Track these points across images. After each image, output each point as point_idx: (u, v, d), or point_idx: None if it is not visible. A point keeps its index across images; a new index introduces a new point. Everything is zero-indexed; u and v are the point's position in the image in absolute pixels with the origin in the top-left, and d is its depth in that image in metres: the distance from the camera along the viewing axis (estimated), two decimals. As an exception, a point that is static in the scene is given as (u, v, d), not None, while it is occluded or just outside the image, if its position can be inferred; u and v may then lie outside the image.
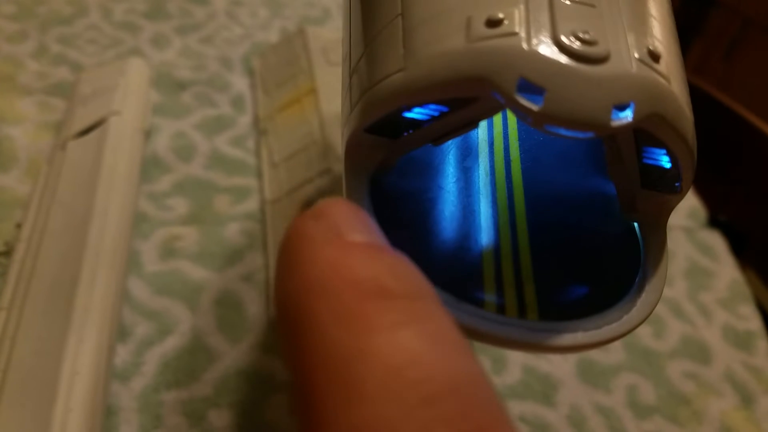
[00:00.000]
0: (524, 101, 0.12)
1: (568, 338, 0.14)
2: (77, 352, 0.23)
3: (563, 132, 0.12)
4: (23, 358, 0.24)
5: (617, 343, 0.32)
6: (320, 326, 0.10)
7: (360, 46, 0.16)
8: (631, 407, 0.30)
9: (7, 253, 0.29)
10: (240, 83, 0.42)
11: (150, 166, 0.35)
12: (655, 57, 0.13)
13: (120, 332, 0.27)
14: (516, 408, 0.28)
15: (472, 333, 0.14)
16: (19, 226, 0.30)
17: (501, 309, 0.15)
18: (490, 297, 0.15)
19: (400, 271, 0.12)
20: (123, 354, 0.27)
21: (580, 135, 0.12)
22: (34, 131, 0.36)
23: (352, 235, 0.12)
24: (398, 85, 0.14)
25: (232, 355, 0.27)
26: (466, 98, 0.14)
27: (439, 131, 0.15)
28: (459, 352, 0.10)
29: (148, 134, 0.36)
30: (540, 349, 0.14)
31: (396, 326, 0.10)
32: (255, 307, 0.29)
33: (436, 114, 0.15)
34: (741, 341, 0.34)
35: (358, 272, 0.11)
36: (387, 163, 0.16)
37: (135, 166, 0.33)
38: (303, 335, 0.11)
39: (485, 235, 0.16)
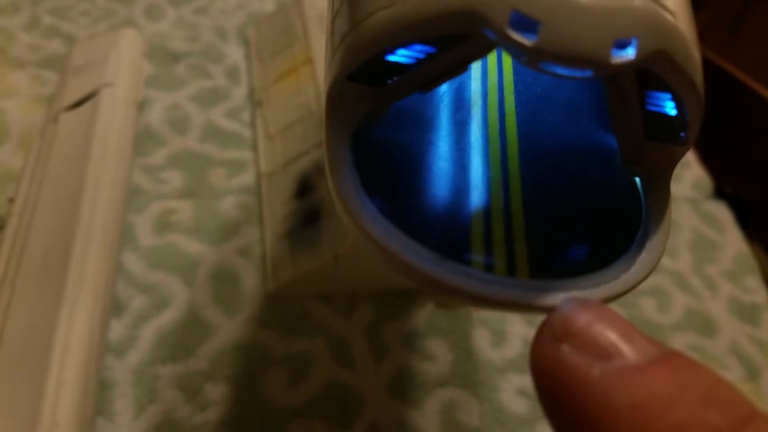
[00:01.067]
0: (517, 36, 0.11)
1: (562, 297, 0.13)
2: (69, 326, 0.23)
3: (560, 70, 0.11)
4: (15, 333, 0.23)
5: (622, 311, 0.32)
6: None
7: None
8: (634, 380, 0.29)
9: (0, 227, 0.28)
10: (235, 54, 0.41)
11: (144, 139, 0.34)
12: None
13: (115, 306, 0.27)
14: (516, 381, 0.28)
15: (457, 293, 0.13)
16: (11, 200, 0.29)
17: (490, 269, 0.14)
18: (477, 257, 0.14)
19: (709, 384, 0.10)
20: (118, 328, 0.26)
21: (578, 74, 0.11)
22: (27, 104, 0.36)
23: (625, 356, 0.10)
24: (380, 24, 0.13)
25: (228, 329, 0.27)
26: (454, 37, 0.13)
27: (427, 76, 0.14)
28: None
29: (141, 106, 0.36)
30: (531, 309, 0.13)
31: None
32: (251, 280, 0.29)
33: (422, 56, 0.14)
34: (747, 314, 0.34)
35: (688, 413, 0.09)
36: (373, 115, 0.15)
37: (128, 138, 0.32)
38: None
39: (475, 192, 0.15)
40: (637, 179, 0.16)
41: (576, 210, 0.15)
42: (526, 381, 0.28)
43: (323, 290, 0.29)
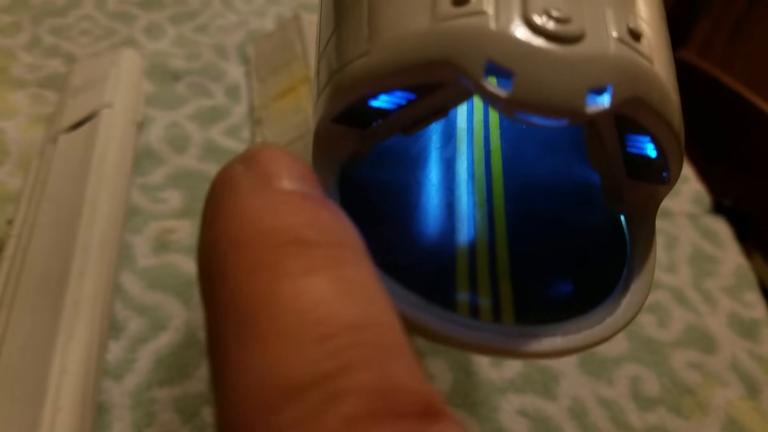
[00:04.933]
0: (492, 87, 0.11)
1: (545, 343, 0.13)
2: (66, 349, 0.23)
3: (535, 120, 0.11)
4: (12, 357, 0.23)
5: (619, 333, 0.32)
6: (233, 277, 0.11)
7: (329, 27, 0.15)
8: (634, 399, 0.29)
9: (-2, 249, 0.28)
10: (235, 72, 0.42)
11: (143, 159, 0.35)
12: (635, 36, 0.12)
13: (112, 328, 0.27)
14: (516, 401, 0.28)
15: (442, 338, 0.13)
16: (9, 222, 0.29)
17: (474, 310, 0.14)
18: (463, 296, 0.14)
19: (323, 220, 0.11)
20: (115, 350, 0.26)
21: (553, 123, 0.11)
22: (27, 124, 0.36)
23: (281, 182, 0.12)
24: (361, 71, 0.13)
25: (226, 351, 0.27)
26: (434, 84, 0.13)
27: (408, 120, 0.14)
28: (367, 298, 0.11)
29: (140, 126, 0.36)
30: (515, 355, 0.13)
31: (305, 273, 0.10)
32: (249, 300, 0.29)
33: (403, 102, 0.14)
34: (746, 329, 0.34)
35: (277, 222, 0.11)
36: (358, 155, 0.15)
37: (127, 158, 0.32)
38: (216, 286, 0.11)
39: (460, 231, 0.15)
40: (622, 217, 0.16)
41: (560, 247, 0.15)
42: (526, 401, 0.28)
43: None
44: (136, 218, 0.31)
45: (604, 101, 0.11)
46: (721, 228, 0.39)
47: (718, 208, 0.40)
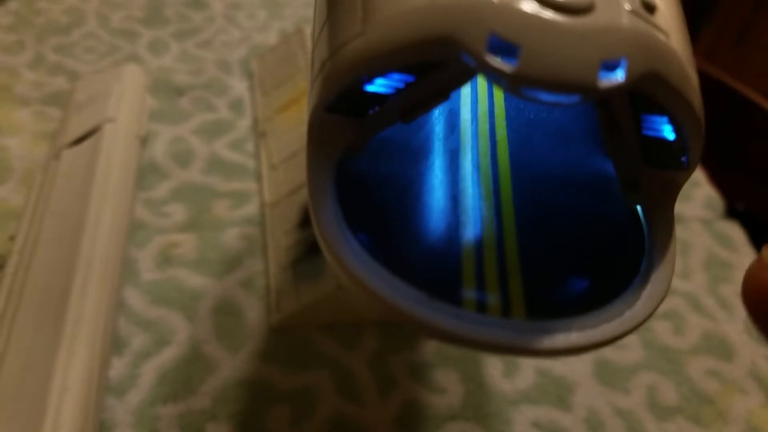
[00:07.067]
0: (496, 61, 0.10)
1: (560, 339, 0.12)
2: (68, 366, 0.23)
3: (544, 96, 0.11)
4: (13, 374, 0.23)
5: (635, 341, 0.31)
6: None
7: (322, 15, 0.14)
8: (652, 409, 0.28)
9: (0, 266, 0.28)
10: (239, 86, 0.41)
11: (148, 173, 0.34)
12: (649, 8, 0.12)
13: (116, 344, 0.26)
14: (530, 413, 0.27)
15: (448, 336, 0.12)
16: (12, 238, 0.29)
17: (482, 307, 0.13)
18: (469, 293, 0.13)
19: None
20: (118, 366, 0.26)
21: (564, 99, 0.11)
22: (30, 141, 0.36)
23: None
24: (354, 52, 0.12)
25: (231, 365, 0.26)
26: (433, 63, 0.12)
27: (406, 105, 0.14)
28: None
29: (144, 141, 0.35)
30: (527, 353, 0.12)
31: None
32: (254, 313, 0.28)
33: (401, 86, 0.13)
34: (765, 335, 0.33)
35: None
36: (356, 147, 0.14)
37: (130, 173, 0.32)
38: None
39: (466, 225, 0.14)
40: (638, 207, 0.15)
41: (574, 241, 0.15)
42: (539, 413, 0.27)
43: (328, 321, 0.28)
44: (140, 232, 0.31)
45: (618, 76, 0.11)
46: (735, 232, 0.38)
47: (732, 212, 0.39)
